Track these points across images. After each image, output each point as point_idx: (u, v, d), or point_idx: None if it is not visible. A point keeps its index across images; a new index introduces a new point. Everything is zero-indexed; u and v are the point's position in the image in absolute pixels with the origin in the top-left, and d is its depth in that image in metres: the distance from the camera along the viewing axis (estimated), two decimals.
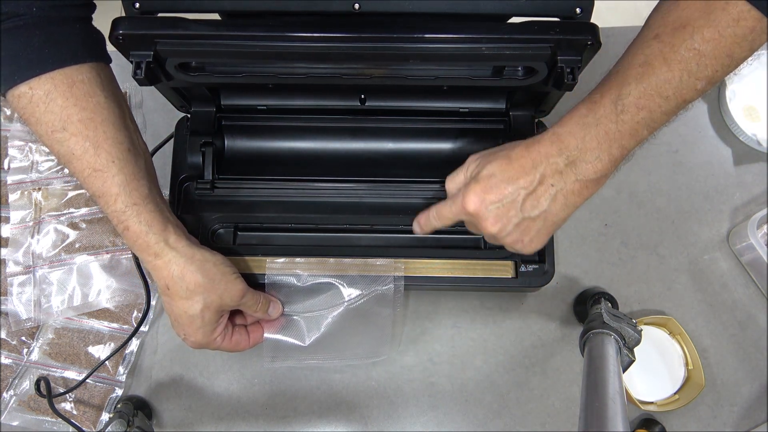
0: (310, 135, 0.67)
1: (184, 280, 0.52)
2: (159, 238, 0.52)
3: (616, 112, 0.47)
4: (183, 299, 0.53)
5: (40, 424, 0.69)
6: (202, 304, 0.53)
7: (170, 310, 0.55)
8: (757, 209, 0.75)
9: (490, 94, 0.66)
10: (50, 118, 0.48)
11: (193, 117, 0.66)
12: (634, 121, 0.47)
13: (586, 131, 0.47)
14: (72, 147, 0.49)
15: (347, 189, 0.65)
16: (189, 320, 0.54)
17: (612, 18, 1.75)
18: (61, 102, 0.48)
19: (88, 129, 0.48)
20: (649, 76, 0.46)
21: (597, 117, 0.47)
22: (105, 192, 0.50)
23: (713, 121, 0.80)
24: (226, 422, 0.71)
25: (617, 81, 0.47)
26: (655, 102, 0.46)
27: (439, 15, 0.51)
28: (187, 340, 0.56)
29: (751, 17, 0.44)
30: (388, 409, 0.71)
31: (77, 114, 0.48)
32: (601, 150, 0.47)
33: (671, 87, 0.46)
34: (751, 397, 0.71)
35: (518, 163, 0.48)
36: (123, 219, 0.51)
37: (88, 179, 0.50)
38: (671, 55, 0.45)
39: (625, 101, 0.46)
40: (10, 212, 0.73)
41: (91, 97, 0.49)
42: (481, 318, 0.73)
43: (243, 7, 0.51)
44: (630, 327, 0.58)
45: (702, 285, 0.75)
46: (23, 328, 0.71)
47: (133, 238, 0.51)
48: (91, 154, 0.49)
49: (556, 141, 0.48)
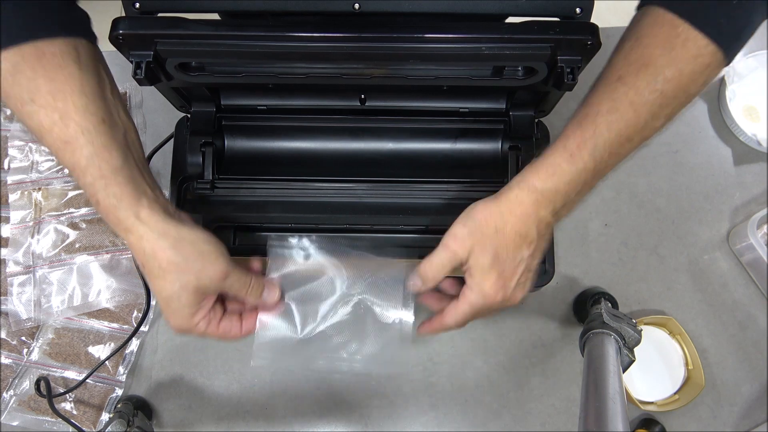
0: (310, 135, 0.67)
1: (156, 257, 0.48)
2: (129, 213, 0.48)
3: (594, 163, 0.48)
4: (156, 278, 0.49)
5: (40, 424, 0.69)
6: (178, 285, 0.48)
7: (151, 287, 0.51)
8: (757, 209, 0.75)
9: (490, 94, 0.66)
10: (18, 90, 0.46)
11: (193, 117, 0.66)
12: (606, 166, 0.49)
13: (568, 187, 0.49)
14: (41, 120, 0.46)
15: (347, 189, 0.64)
16: (165, 302, 0.49)
17: (612, 18, 1.75)
18: (29, 74, 0.45)
19: (56, 100, 0.46)
20: (618, 122, 0.47)
21: (577, 171, 0.48)
22: (75, 165, 0.47)
23: (713, 121, 0.80)
24: (226, 422, 0.71)
25: (591, 131, 0.48)
26: (624, 147, 0.48)
27: (439, 15, 0.51)
28: (168, 323, 0.51)
29: (708, 53, 0.46)
30: (388, 409, 0.71)
31: (45, 85, 0.45)
32: (577, 196, 0.50)
33: (636, 131, 0.48)
34: (751, 397, 0.71)
35: (516, 234, 0.49)
36: (93, 192, 0.47)
37: (59, 152, 0.47)
38: (637, 99, 0.47)
39: (601, 151, 0.48)
40: (10, 212, 0.73)
41: (62, 69, 0.46)
42: (481, 318, 0.73)
43: (243, 7, 0.51)
44: (630, 327, 0.58)
45: (702, 285, 0.75)
46: (23, 328, 0.71)
47: (104, 213, 0.48)
48: (60, 127, 0.46)
49: (542, 200, 0.49)
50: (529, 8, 0.51)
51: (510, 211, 0.49)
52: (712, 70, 0.47)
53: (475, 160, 0.67)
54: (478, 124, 0.66)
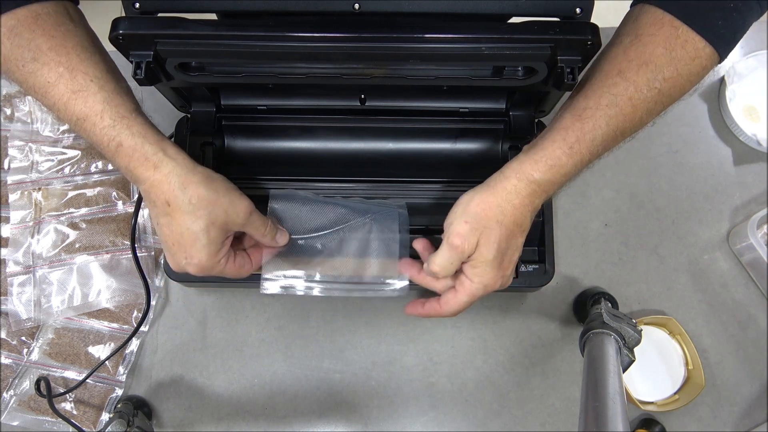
0: (310, 135, 0.67)
1: (187, 192, 0.48)
2: (156, 148, 0.48)
3: (590, 156, 0.49)
4: (186, 214, 0.48)
5: (40, 424, 0.69)
6: (207, 220, 0.48)
7: (169, 231, 0.49)
8: (757, 209, 0.75)
9: (490, 94, 0.66)
10: (18, 52, 0.46)
11: (193, 117, 0.66)
12: (598, 157, 0.50)
13: (565, 178, 0.50)
14: (46, 76, 0.46)
15: (347, 189, 0.64)
16: (192, 238, 0.48)
17: (612, 18, 1.74)
18: (28, 35, 0.46)
19: (59, 55, 0.46)
20: (617, 117, 0.48)
21: (575, 164, 0.49)
22: (88, 112, 0.46)
23: (713, 121, 0.80)
24: (226, 422, 0.71)
25: (591, 125, 0.48)
26: (617, 140, 0.50)
27: (439, 15, 0.51)
28: (188, 265, 0.50)
29: (705, 55, 0.47)
30: (388, 409, 0.71)
31: (46, 43, 0.46)
32: (569, 182, 0.52)
33: (632, 126, 0.49)
34: (751, 397, 0.71)
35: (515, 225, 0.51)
36: (113, 135, 0.47)
37: (69, 104, 0.46)
38: (636, 96, 0.48)
39: (598, 145, 0.49)
40: (10, 212, 0.73)
41: (59, 27, 0.47)
42: (481, 318, 0.73)
43: (243, 7, 0.51)
44: (630, 327, 0.58)
45: (702, 285, 0.75)
46: (23, 328, 0.71)
47: (127, 155, 0.47)
48: (67, 78, 0.46)
49: (539, 191, 0.50)
50: (529, 8, 0.51)
51: (508, 202, 0.50)
52: (706, 71, 0.48)
53: (475, 160, 0.67)
54: (478, 124, 0.66)
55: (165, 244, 0.51)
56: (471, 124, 0.66)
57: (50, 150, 0.75)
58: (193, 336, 0.73)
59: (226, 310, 0.73)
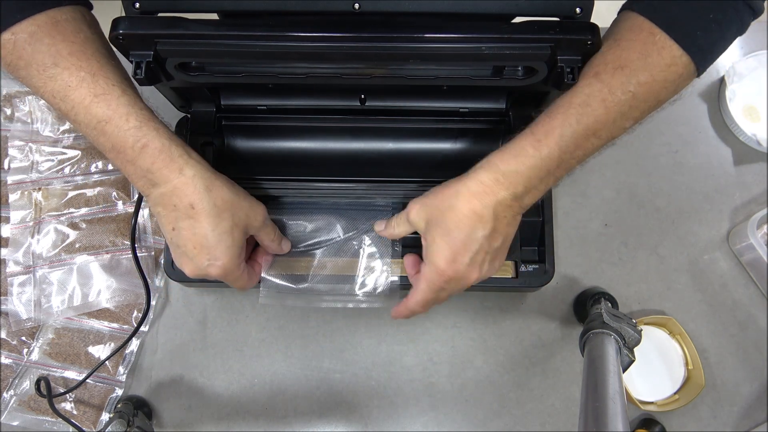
0: (310, 135, 0.67)
1: (212, 194, 0.49)
2: (182, 151, 0.49)
3: (559, 152, 0.49)
4: (211, 216, 0.49)
5: (40, 424, 0.69)
6: (231, 222, 0.50)
7: (192, 234, 0.50)
8: (757, 209, 0.75)
9: (490, 94, 0.66)
10: (39, 57, 0.47)
11: (193, 117, 0.66)
12: (572, 158, 0.50)
13: (531, 171, 0.49)
14: (67, 80, 0.47)
15: (347, 189, 0.64)
16: (217, 239, 0.50)
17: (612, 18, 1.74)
18: (48, 40, 0.47)
19: (80, 60, 0.47)
20: (588, 116, 0.48)
21: (542, 157, 0.49)
22: (113, 114, 0.47)
23: (713, 121, 0.80)
24: (226, 422, 0.71)
25: (560, 120, 0.49)
26: (590, 141, 0.49)
27: (439, 15, 0.51)
28: (212, 266, 0.51)
29: (682, 63, 0.47)
30: (388, 409, 0.71)
31: (66, 48, 0.47)
32: (541, 184, 0.51)
33: (605, 128, 0.49)
34: (751, 397, 0.71)
35: (471, 212, 0.50)
36: (140, 136, 0.48)
37: (91, 106, 0.47)
38: (609, 98, 0.48)
39: (567, 141, 0.49)
40: (10, 212, 0.73)
41: (78, 33, 0.48)
42: (481, 318, 0.73)
43: (243, 7, 0.51)
44: (630, 327, 0.58)
45: (702, 285, 0.75)
46: (23, 328, 0.71)
47: (153, 156, 0.48)
48: (89, 82, 0.47)
49: (503, 181, 0.49)
50: (529, 8, 0.51)
51: (468, 188, 0.50)
52: (683, 80, 0.49)
53: (476, 160, 0.67)
54: (478, 124, 0.66)
55: (183, 248, 0.51)
56: (471, 124, 0.66)
57: (50, 150, 0.75)
58: (193, 336, 0.73)
59: (226, 310, 0.73)
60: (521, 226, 0.57)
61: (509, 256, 0.64)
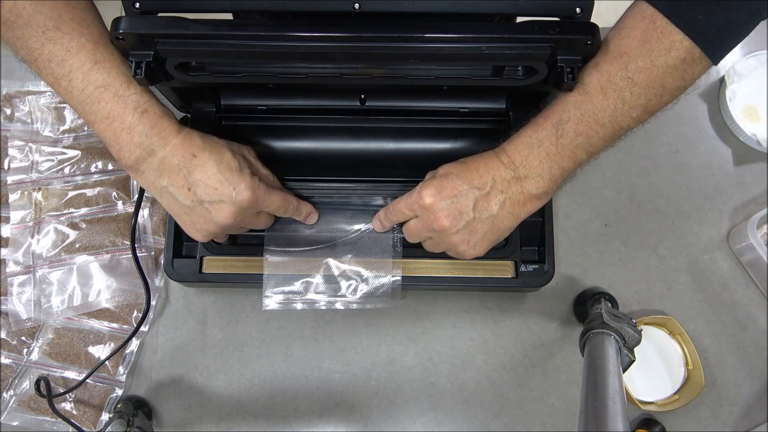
0: (310, 135, 0.67)
1: (206, 140, 0.53)
2: (174, 120, 0.52)
3: (557, 136, 0.50)
4: (214, 152, 0.52)
5: (40, 424, 0.69)
6: (230, 151, 0.53)
7: (205, 176, 0.51)
8: (757, 209, 0.75)
9: (490, 94, 0.66)
10: (40, 18, 0.47)
11: (193, 117, 0.66)
12: (573, 144, 0.51)
13: (529, 150, 0.51)
14: (67, 43, 0.48)
15: (347, 189, 0.64)
16: (227, 169, 0.52)
17: (612, 18, 1.74)
18: (50, 2, 0.47)
19: (81, 27, 0.48)
20: (587, 103, 0.49)
21: (539, 138, 0.51)
22: (113, 81, 0.49)
23: (713, 121, 0.80)
24: (226, 422, 0.71)
25: (559, 107, 0.51)
26: (592, 128, 0.50)
27: (439, 15, 0.51)
28: (239, 194, 0.52)
29: (683, 47, 0.47)
30: (388, 409, 0.71)
31: (68, 13, 0.48)
32: (543, 169, 0.51)
33: (607, 115, 0.49)
34: (751, 397, 0.71)
35: (473, 166, 0.53)
36: (141, 102, 0.50)
37: (90, 72, 0.48)
38: (607, 85, 0.49)
39: (565, 126, 0.50)
40: (10, 212, 0.73)
41: (78, 1, 0.49)
42: (481, 318, 0.73)
43: (243, 7, 0.51)
44: (630, 327, 0.58)
45: (702, 285, 0.75)
46: (23, 328, 0.71)
47: (153, 120, 0.50)
48: (90, 49, 0.48)
49: (503, 156, 0.53)
50: (529, 8, 0.51)
51: (473, 159, 0.54)
52: (690, 66, 0.48)
53: None
54: (478, 124, 0.66)
55: (208, 198, 0.52)
56: (471, 124, 0.66)
57: (50, 150, 0.75)
58: (193, 336, 0.73)
59: (226, 310, 0.73)
60: (521, 226, 0.57)
61: (509, 256, 0.64)
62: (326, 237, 0.63)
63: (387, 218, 0.60)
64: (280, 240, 0.63)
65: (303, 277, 0.63)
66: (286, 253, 0.63)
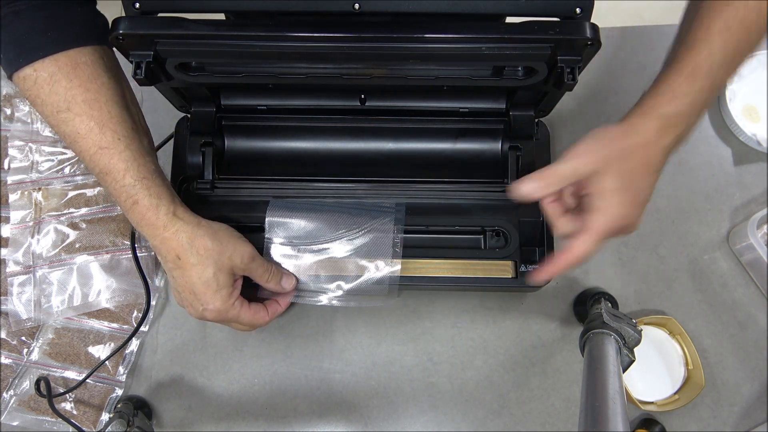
0: (310, 135, 0.67)
1: (194, 245, 0.52)
2: (168, 209, 0.52)
3: (710, 82, 0.48)
4: (195, 266, 0.53)
5: (40, 424, 0.69)
6: (215, 267, 0.53)
7: (183, 283, 0.54)
8: (757, 209, 0.75)
9: (490, 94, 0.66)
10: (55, 99, 0.49)
11: (193, 117, 0.66)
12: (721, 84, 0.50)
13: (690, 109, 0.49)
14: (77, 127, 0.50)
15: (347, 189, 0.65)
16: (204, 286, 0.53)
17: (612, 18, 1.75)
18: (66, 83, 0.49)
19: (92, 109, 0.49)
20: (731, 41, 0.48)
21: (695, 92, 0.48)
22: (112, 168, 0.50)
23: (713, 121, 0.80)
24: (226, 422, 0.71)
25: (706, 51, 0.48)
26: (735, 63, 0.49)
27: (439, 15, 0.51)
28: (206, 311, 0.54)
29: None
30: (388, 409, 0.71)
31: (81, 95, 0.49)
32: (697, 117, 0.50)
33: (748, 47, 0.49)
34: (751, 397, 0.71)
35: (644, 165, 0.49)
36: (132, 193, 0.51)
37: (95, 157, 0.50)
38: (747, 16, 0.47)
39: (716, 70, 0.48)
40: (10, 212, 0.73)
41: (95, 79, 0.50)
42: (481, 318, 0.73)
43: (243, 7, 0.51)
44: (630, 327, 0.58)
45: (702, 285, 0.75)
46: (23, 328, 0.71)
47: (141, 213, 0.52)
48: (96, 133, 0.50)
49: (667, 128, 0.49)
50: (529, 8, 0.51)
51: (635, 141, 0.49)
52: None
53: (475, 160, 0.67)
54: (478, 124, 0.66)
55: (182, 294, 0.55)
56: (471, 124, 0.66)
57: (50, 150, 0.75)
58: (193, 336, 0.73)
59: None
60: (521, 226, 0.57)
61: (509, 256, 0.64)
62: (326, 236, 0.63)
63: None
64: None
65: (302, 274, 0.62)
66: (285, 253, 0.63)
